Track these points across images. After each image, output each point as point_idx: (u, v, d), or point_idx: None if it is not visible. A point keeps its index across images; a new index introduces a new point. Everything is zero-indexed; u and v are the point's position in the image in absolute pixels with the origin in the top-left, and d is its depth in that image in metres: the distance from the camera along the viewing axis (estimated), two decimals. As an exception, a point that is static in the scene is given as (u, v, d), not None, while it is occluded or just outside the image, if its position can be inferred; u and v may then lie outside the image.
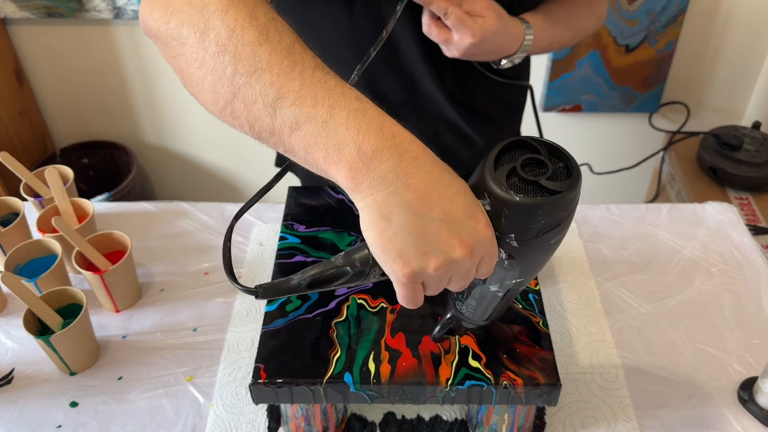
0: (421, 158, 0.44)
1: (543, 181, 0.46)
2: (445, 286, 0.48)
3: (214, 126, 1.95)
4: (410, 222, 0.43)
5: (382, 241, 0.44)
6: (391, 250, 0.44)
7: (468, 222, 0.45)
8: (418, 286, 0.47)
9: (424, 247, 0.44)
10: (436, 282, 0.47)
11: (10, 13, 1.72)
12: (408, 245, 0.44)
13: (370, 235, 0.45)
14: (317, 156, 0.44)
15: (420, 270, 0.45)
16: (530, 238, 0.48)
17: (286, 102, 0.44)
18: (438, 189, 0.44)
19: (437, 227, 0.44)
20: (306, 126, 0.44)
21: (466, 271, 0.47)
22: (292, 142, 0.44)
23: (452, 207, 0.44)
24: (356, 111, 0.44)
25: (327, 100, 0.44)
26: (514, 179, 0.46)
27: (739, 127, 1.64)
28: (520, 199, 0.45)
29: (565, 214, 0.47)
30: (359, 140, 0.43)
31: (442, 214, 0.44)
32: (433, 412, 0.70)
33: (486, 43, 0.72)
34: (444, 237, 0.44)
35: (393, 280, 0.47)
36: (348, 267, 0.49)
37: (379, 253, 0.45)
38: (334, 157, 0.43)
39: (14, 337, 0.79)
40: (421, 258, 0.44)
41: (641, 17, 1.62)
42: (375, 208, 0.43)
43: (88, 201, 0.87)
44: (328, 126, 0.43)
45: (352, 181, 0.43)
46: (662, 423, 0.69)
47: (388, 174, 0.43)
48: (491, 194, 0.46)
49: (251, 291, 0.49)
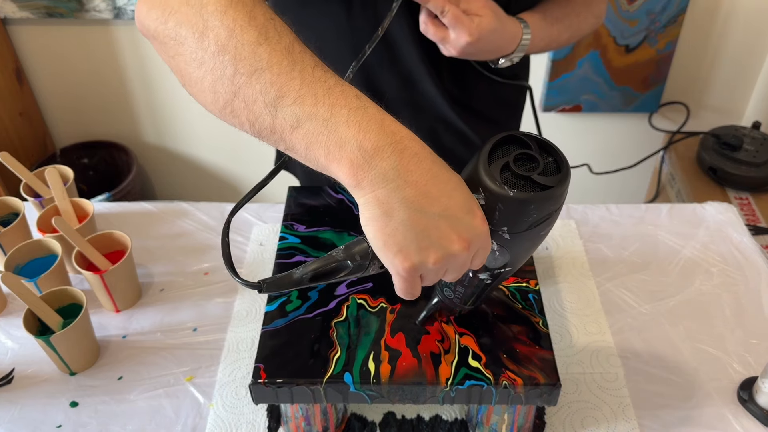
0: (420, 155, 0.45)
1: (535, 177, 0.47)
2: (442, 278, 0.50)
3: (214, 126, 1.95)
4: (411, 218, 0.44)
5: (383, 236, 0.45)
6: (392, 245, 0.45)
7: (466, 217, 0.46)
8: (417, 279, 0.48)
9: (424, 242, 0.45)
10: (434, 274, 0.48)
11: (10, 13, 1.72)
12: (408, 240, 0.45)
13: (370, 230, 0.46)
14: (319, 153, 0.44)
15: (420, 264, 0.46)
16: (522, 231, 0.49)
17: (287, 101, 0.44)
18: (437, 185, 0.45)
19: (437, 222, 0.45)
20: (307, 124, 0.44)
21: (463, 264, 0.48)
22: (293, 140, 0.45)
23: (451, 203, 0.45)
24: (357, 109, 0.44)
25: (327, 99, 0.44)
26: (507, 174, 0.48)
27: (739, 127, 1.64)
28: (514, 194, 0.47)
29: (555, 207, 0.49)
30: (360, 138, 0.43)
31: (442, 210, 0.45)
32: (433, 412, 0.70)
33: (483, 42, 0.72)
34: (443, 232, 0.45)
35: (393, 273, 0.48)
36: (348, 260, 0.50)
37: (379, 247, 0.46)
38: (335, 155, 0.44)
39: (14, 337, 0.79)
40: (421, 252, 0.46)
41: (641, 17, 1.62)
42: (376, 204, 0.44)
43: (88, 201, 0.87)
44: (330, 124, 0.44)
45: (354, 178, 0.44)
46: (662, 423, 0.69)
47: (389, 171, 0.44)
48: (486, 189, 0.48)
49: (254, 286, 0.50)
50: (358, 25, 0.75)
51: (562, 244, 0.90)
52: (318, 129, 0.44)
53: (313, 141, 0.44)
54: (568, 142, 1.90)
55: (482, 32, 0.71)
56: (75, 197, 0.88)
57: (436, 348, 0.62)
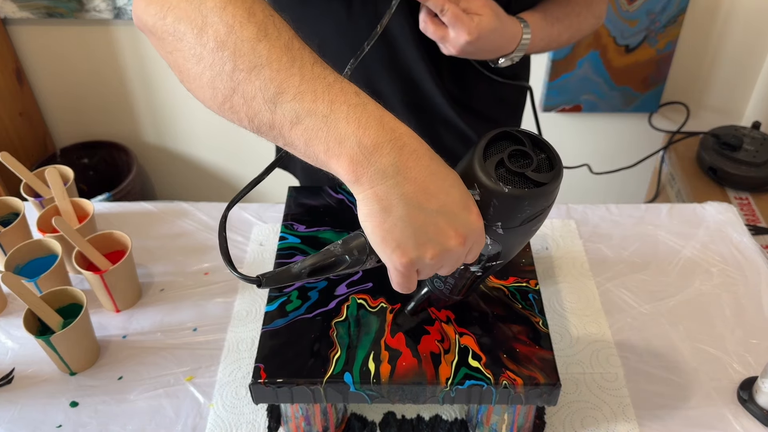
0: (419, 152, 0.45)
1: (529, 173, 0.48)
2: (437, 272, 0.51)
3: (214, 126, 1.95)
4: (409, 214, 0.45)
5: (382, 232, 0.46)
6: (390, 240, 0.46)
7: (462, 213, 0.47)
8: (413, 273, 0.49)
9: (422, 237, 0.46)
10: (430, 269, 0.49)
11: (10, 13, 1.72)
12: (406, 236, 0.46)
13: (369, 226, 0.46)
14: (318, 149, 0.45)
15: (417, 259, 0.47)
16: (515, 226, 0.50)
17: (287, 97, 0.45)
18: (435, 182, 0.46)
19: (434, 219, 0.46)
20: (306, 120, 0.44)
21: (458, 258, 0.49)
22: (293, 136, 0.45)
23: (449, 199, 0.46)
24: (356, 105, 0.45)
25: (327, 95, 0.45)
26: (501, 171, 0.49)
27: (738, 127, 1.64)
28: (509, 190, 0.48)
29: (548, 203, 0.50)
30: (360, 134, 0.44)
31: (440, 206, 0.46)
32: (433, 412, 0.70)
33: (482, 41, 0.72)
34: (440, 228, 0.46)
35: (390, 267, 0.49)
36: (346, 255, 0.51)
37: (377, 243, 0.47)
38: (335, 151, 0.44)
39: (14, 337, 0.79)
40: (419, 248, 0.46)
41: (641, 17, 1.62)
42: (375, 200, 0.45)
43: (88, 201, 0.87)
44: (329, 120, 0.44)
45: (353, 174, 0.44)
46: (662, 423, 0.69)
47: (389, 167, 0.44)
48: (481, 185, 0.48)
49: (253, 280, 0.50)
50: (358, 24, 0.75)
51: (562, 244, 0.90)
52: (317, 125, 0.44)
53: (312, 137, 0.45)
54: (568, 142, 1.90)
55: (482, 31, 0.71)
56: (75, 197, 0.88)
57: (436, 348, 0.62)
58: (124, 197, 1.80)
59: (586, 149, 1.92)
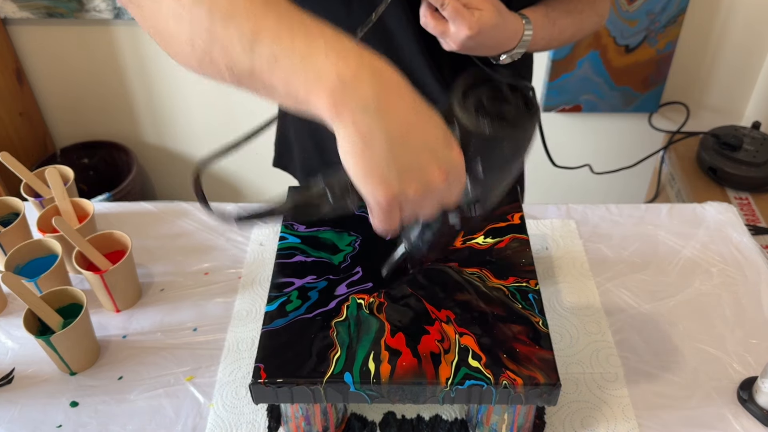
0: (402, 86, 0.46)
1: (507, 114, 0.50)
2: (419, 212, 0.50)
3: (214, 126, 1.95)
4: (392, 149, 0.45)
5: (364, 167, 0.45)
6: (374, 175, 0.46)
7: (444, 150, 0.47)
8: (396, 210, 0.49)
9: (405, 172, 0.46)
10: (412, 206, 0.49)
11: (10, 13, 1.72)
12: (390, 170, 0.46)
13: (350, 161, 0.46)
14: (298, 87, 0.45)
15: (400, 193, 0.47)
16: (493, 167, 0.52)
17: (264, 40, 0.45)
18: (418, 117, 0.46)
19: (417, 154, 0.46)
20: (284, 60, 0.45)
21: (440, 196, 0.49)
22: (273, 78, 0.45)
23: (431, 135, 0.46)
24: (333, 39, 0.45)
25: (303, 33, 0.45)
26: (480, 111, 0.50)
27: (738, 127, 1.64)
28: (487, 129, 0.49)
29: (526, 145, 0.52)
30: (339, 66, 0.44)
31: (423, 142, 0.46)
32: (433, 412, 0.70)
33: (483, 36, 0.71)
34: (423, 163, 0.46)
35: (372, 204, 0.48)
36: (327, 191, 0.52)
37: (360, 178, 0.46)
38: (314, 85, 0.44)
39: (14, 337, 0.79)
40: (402, 182, 0.46)
41: (641, 17, 1.62)
42: (357, 134, 0.44)
43: (88, 201, 0.87)
44: (307, 58, 0.44)
45: (334, 108, 0.44)
46: (662, 423, 0.69)
47: (370, 100, 0.44)
48: (460, 125, 0.49)
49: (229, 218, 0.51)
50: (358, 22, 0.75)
51: (562, 244, 0.90)
52: (295, 63, 0.44)
53: (290, 76, 0.45)
54: (568, 143, 1.90)
55: (482, 26, 0.71)
56: (75, 197, 0.88)
57: (436, 348, 0.62)
58: (124, 197, 1.80)
59: (587, 149, 1.92)
